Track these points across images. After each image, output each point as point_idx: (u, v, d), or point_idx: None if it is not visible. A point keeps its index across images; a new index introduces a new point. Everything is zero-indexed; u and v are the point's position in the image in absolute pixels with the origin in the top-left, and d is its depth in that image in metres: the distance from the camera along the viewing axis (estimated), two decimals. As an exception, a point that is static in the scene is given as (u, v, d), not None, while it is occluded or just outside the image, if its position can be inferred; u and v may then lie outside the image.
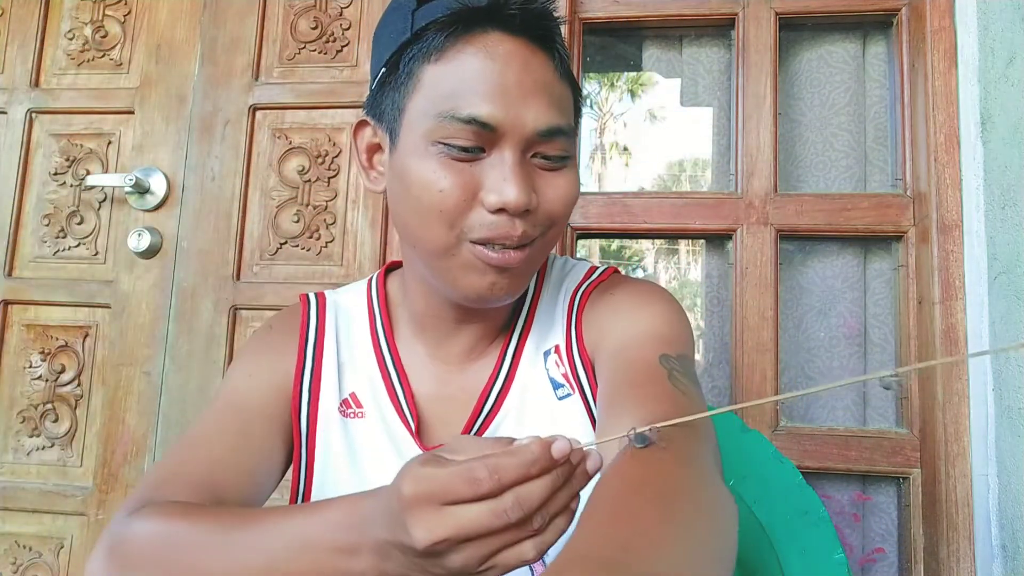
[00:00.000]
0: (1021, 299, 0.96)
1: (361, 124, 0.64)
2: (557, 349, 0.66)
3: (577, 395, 0.64)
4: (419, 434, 0.64)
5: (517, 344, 0.67)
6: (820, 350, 1.25)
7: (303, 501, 0.66)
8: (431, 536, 0.38)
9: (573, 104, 0.62)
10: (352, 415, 0.66)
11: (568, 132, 0.58)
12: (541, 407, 0.64)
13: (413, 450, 0.64)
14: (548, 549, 0.41)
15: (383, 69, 0.60)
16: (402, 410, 0.65)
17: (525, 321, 0.68)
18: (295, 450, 0.65)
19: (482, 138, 0.55)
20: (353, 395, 0.67)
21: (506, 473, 0.39)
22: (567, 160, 0.59)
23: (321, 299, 0.73)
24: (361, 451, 0.65)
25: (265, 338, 0.70)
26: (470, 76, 0.55)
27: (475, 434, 0.63)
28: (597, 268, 0.71)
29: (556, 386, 0.64)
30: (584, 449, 0.42)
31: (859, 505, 1.20)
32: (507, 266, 0.57)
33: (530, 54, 0.56)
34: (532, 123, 0.55)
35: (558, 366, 0.65)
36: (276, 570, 0.45)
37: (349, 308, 0.72)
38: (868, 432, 1.17)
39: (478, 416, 0.64)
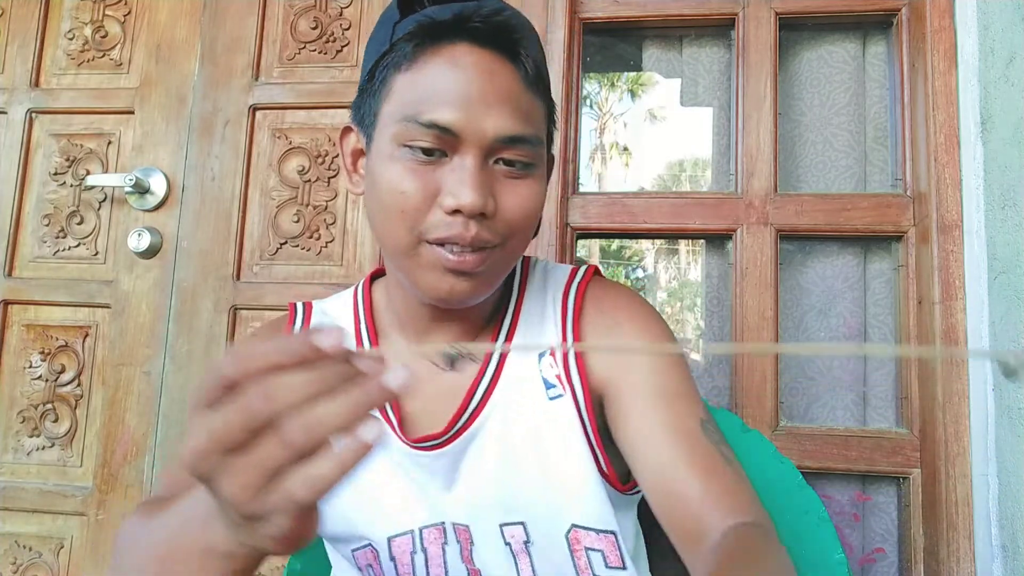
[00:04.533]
0: (1021, 299, 0.96)
1: (346, 130, 0.67)
2: (552, 352, 0.67)
3: (568, 396, 0.65)
4: (403, 428, 0.66)
5: (504, 343, 0.69)
6: (820, 350, 1.25)
7: None
8: (188, 446, 0.34)
9: (546, 117, 0.63)
10: None
11: (532, 141, 0.59)
12: (530, 405, 0.66)
13: (396, 444, 0.65)
14: (322, 488, 0.33)
15: (364, 77, 0.64)
16: (384, 408, 0.66)
17: (511, 322, 0.69)
18: None
19: (443, 142, 0.57)
20: None
21: (252, 360, 0.33)
22: (531, 169, 0.60)
23: (308, 308, 0.75)
24: None
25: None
26: (434, 84, 0.58)
27: (461, 428, 0.65)
28: (578, 269, 0.73)
29: (548, 386, 0.66)
30: (385, 359, 0.36)
31: (859, 505, 1.20)
32: (463, 269, 0.58)
33: (497, 65, 0.58)
34: (493, 130, 0.57)
35: (552, 367, 0.66)
36: (172, 548, 0.44)
37: (335, 315, 0.74)
38: (868, 432, 1.17)
39: (464, 410, 0.65)
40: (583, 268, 0.72)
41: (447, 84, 0.57)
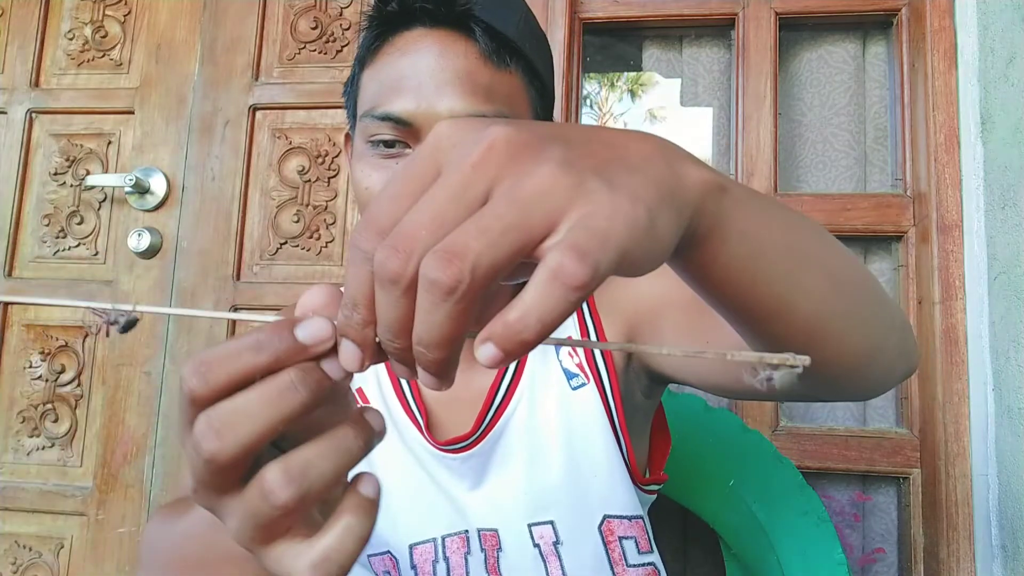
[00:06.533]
0: (1021, 299, 0.96)
1: (347, 137, 0.67)
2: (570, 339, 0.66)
3: (592, 384, 0.64)
4: (428, 430, 0.64)
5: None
6: (820, 350, 1.25)
7: None
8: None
9: (527, 88, 0.60)
10: None
11: (496, 118, 0.56)
12: (553, 397, 0.65)
13: (422, 446, 0.64)
14: (333, 569, 0.27)
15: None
16: (409, 408, 0.65)
17: None
18: None
19: (402, 133, 0.56)
20: (360, 390, 0.67)
21: (211, 372, 0.27)
22: None
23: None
24: None
25: None
26: (389, 74, 0.56)
27: (486, 428, 0.63)
28: None
29: (570, 376, 0.65)
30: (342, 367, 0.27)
31: (859, 505, 1.20)
32: None
33: (450, 43, 0.56)
34: (448, 112, 0.54)
35: (572, 356, 0.65)
36: (204, 553, 0.43)
37: None
38: (868, 432, 1.17)
39: (488, 409, 0.64)
40: None
41: (400, 73, 0.56)
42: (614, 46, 1.44)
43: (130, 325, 0.30)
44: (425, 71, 0.55)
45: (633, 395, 0.66)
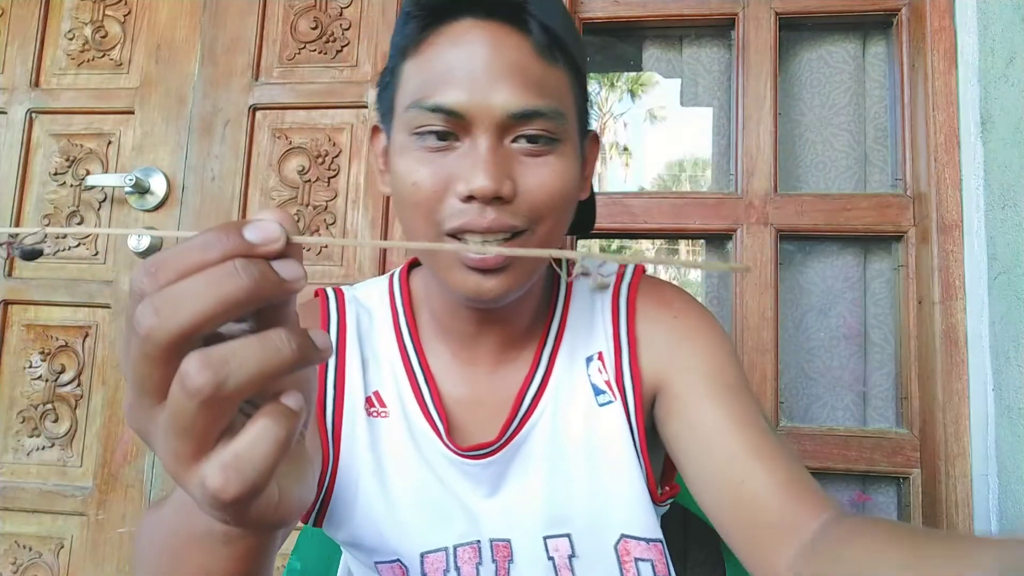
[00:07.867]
0: (1021, 299, 0.96)
1: (375, 129, 0.64)
2: (601, 356, 0.65)
3: (619, 403, 0.63)
4: (450, 434, 0.63)
5: (553, 347, 0.66)
6: (820, 350, 1.25)
7: (324, 499, 0.64)
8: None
9: (571, 87, 0.59)
10: (376, 414, 0.65)
11: (549, 114, 0.54)
12: (578, 410, 0.64)
13: (439, 452, 0.63)
14: (245, 471, 0.26)
15: (383, 70, 0.61)
16: (429, 412, 0.64)
17: (559, 325, 0.67)
18: (323, 447, 0.64)
19: (453, 125, 0.54)
20: (376, 394, 0.66)
21: (165, 267, 0.27)
22: (555, 144, 0.56)
23: (340, 294, 0.71)
24: (384, 451, 0.64)
25: None
26: (438, 65, 0.54)
27: (511, 435, 0.63)
28: (625, 268, 0.70)
29: (597, 392, 0.64)
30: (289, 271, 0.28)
31: (859, 505, 1.20)
32: (485, 268, 0.55)
33: (503, 36, 0.54)
34: (502, 107, 0.53)
35: (600, 372, 0.65)
36: (176, 535, 0.41)
37: (370, 305, 0.70)
38: (868, 432, 1.17)
39: (514, 417, 0.63)
40: (630, 267, 0.70)
41: (450, 64, 0.54)
42: (614, 46, 1.44)
43: (34, 253, 0.30)
44: (479, 63, 0.53)
45: (654, 424, 0.66)
